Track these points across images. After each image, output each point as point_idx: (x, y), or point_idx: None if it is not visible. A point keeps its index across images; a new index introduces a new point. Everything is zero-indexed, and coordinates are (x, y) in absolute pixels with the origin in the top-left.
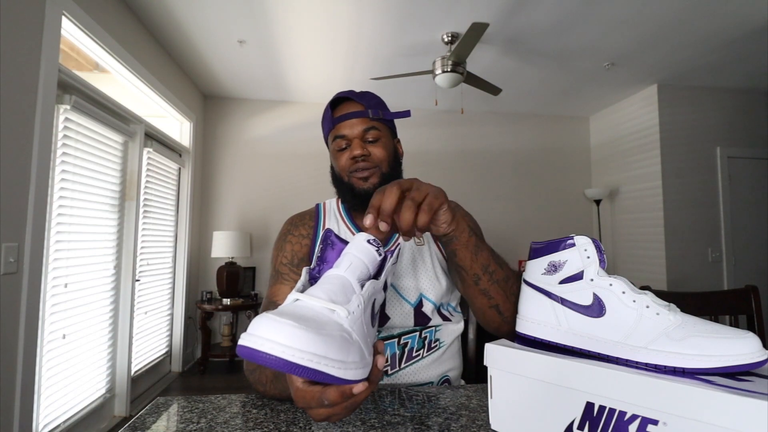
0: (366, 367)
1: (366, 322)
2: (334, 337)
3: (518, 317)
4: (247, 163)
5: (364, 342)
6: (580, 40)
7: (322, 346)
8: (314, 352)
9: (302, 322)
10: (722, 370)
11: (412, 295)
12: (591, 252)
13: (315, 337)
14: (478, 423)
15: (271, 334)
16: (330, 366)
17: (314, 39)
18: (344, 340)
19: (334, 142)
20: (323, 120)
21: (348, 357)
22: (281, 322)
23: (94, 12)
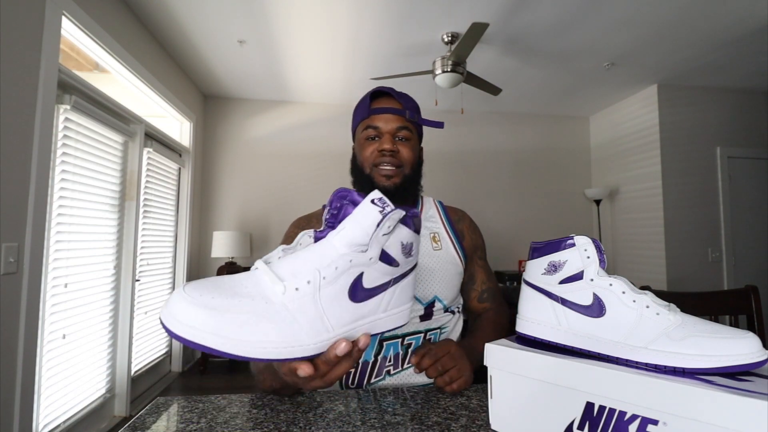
0: (315, 344)
1: (335, 296)
2: (238, 313)
3: (518, 317)
4: (247, 163)
5: (318, 318)
6: (580, 40)
7: (211, 321)
8: (196, 326)
9: (212, 294)
10: (722, 370)
11: (426, 297)
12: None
13: (205, 313)
14: (478, 423)
15: (172, 307)
16: (216, 341)
17: (314, 39)
18: (258, 315)
19: (365, 131)
20: (358, 108)
21: (271, 335)
22: (182, 296)
23: (94, 12)
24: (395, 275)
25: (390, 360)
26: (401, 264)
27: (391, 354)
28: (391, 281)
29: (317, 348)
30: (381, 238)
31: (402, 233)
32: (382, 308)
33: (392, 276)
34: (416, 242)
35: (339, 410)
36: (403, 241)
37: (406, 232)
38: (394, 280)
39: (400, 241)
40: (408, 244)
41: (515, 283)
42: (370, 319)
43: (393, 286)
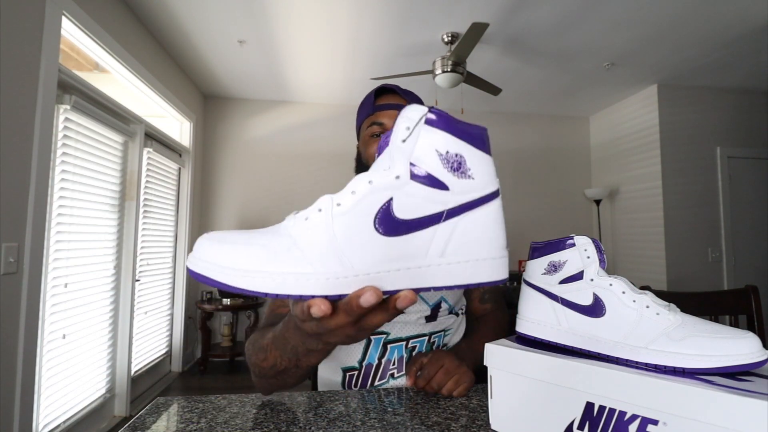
0: (327, 281)
1: (355, 226)
2: (251, 246)
3: (518, 317)
4: (247, 163)
5: (332, 251)
6: (580, 40)
7: (225, 256)
8: (215, 262)
9: (233, 233)
10: (722, 370)
11: (433, 298)
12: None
13: (220, 247)
14: (478, 423)
15: (195, 249)
16: (226, 275)
17: (314, 39)
18: (267, 248)
19: (370, 128)
20: (362, 105)
21: (271, 267)
22: (205, 238)
23: (94, 12)
24: (449, 204)
25: (394, 363)
26: (452, 186)
27: (395, 357)
28: (444, 213)
29: (329, 287)
30: (401, 146)
31: (433, 138)
32: (436, 251)
33: (444, 205)
34: (474, 157)
35: (339, 410)
36: (440, 149)
37: (439, 137)
38: (450, 212)
39: (434, 149)
40: (453, 156)
41: (515, 283)
42: (416, 263)
43: (450, 219)
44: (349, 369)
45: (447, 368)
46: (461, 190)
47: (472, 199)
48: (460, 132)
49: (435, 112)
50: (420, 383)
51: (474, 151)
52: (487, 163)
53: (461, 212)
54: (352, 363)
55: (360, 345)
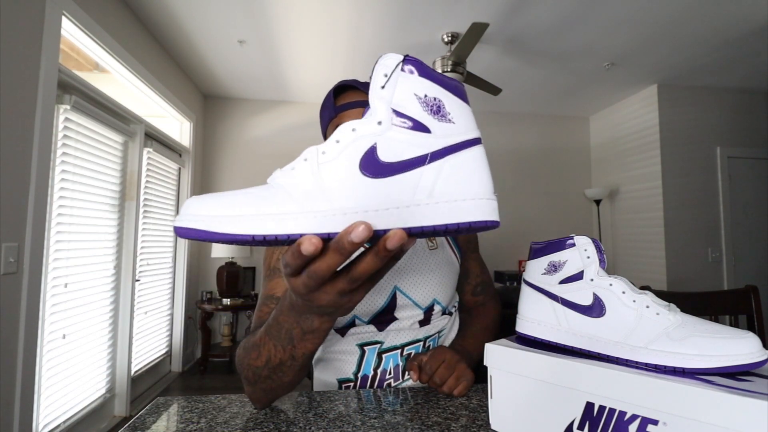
0: (314, 217)
1: (340, 170)
2: (237, 195)
3: (518, 317)
4: (247, 163)
5: (319, 191)
6: (580, 40)
7: (212, 206)
8: (202, 213)
9: (223, 192)
10: (722, 370)
11: (425, 300)
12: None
13: (207, 199)
14: (478, 423)
15: (182, 209)
16: (215, 223)
17: (314, 39)
18: (255, 196)
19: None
20: (323, 108)
21: (256, 210)
22: (191, 198)
23: (94, 12)
24: (433, 147)
25: (390, 372)
26: (434, 129)
27: (390, 366)
28: (428, 156)
29: (317, 224)
30: (380, 93)
31: (411, 82)
32: (424, 192)
33: (428, 148)
34: (453, 102)
35: (339, 410)
36: (418, 93)
37: (417, 82)
38: (434, 154)
39: (413, 94)
40: (431, 100)
41: (515, 283)
42: (404, 203)
43: (435, 162)
44: (345, 381)
45: (448, 363)
46: (443, 133)
47: (455, 142)
48: (436, 78)
49: (410, 59)
50: (423, 378)
51: (452, 98)
52: (466, 111)
53: (445, 154)
54: (348, 375)
55: (354, 356)
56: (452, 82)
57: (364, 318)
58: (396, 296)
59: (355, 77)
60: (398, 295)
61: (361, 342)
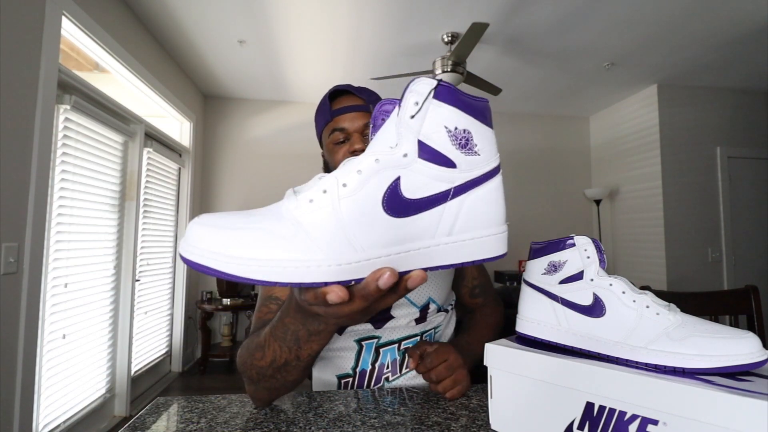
0: (338, 266)
1: (362, 207)
2: (251, 230)
3: (518, 317)
4: (247, 163)
5: (341, 234)
6: (580, 40)
7: (225, 243)
8: (214, 250)
9: (226, 216)
10: (722, 370)
11: (421, 299)
12: (591, 252)
13: (218, 233)
14: (478, 423)
15: (186, 233)
16: (231, 265)
17: (314, 39)
18: (269, 232)
19: (332, 135)
20: (318, 112)
21: (276, 253)
22: (195, 221)
23: (94, 12)
24: (456, 182)
25: (388, 366)
26: (460, 163)
27: (388, 360)
28: (451, 191)
29: (340, 272)
30: (409, 123)
31: (442, 114)
32: (444, 230)
33: (451, 183)
34: (480, 132)
35: (339, 410)
36: (449, 125)
37: (448, 112)
38: (457, 189)
39: (443, 126)
40: (461, 132)
41: (515, 283)
42: (425, 243)
43: (457, 197)
44: (344, 376)
45: (450, 363)
46: (468, 167)
47: (477, 175)
48: (467, 106)
49: (444, 86)
50: (420, 369)
51: (479, 126)
52: (490, 137)
53: (467, 189)
54: (346, 370)
55: (352, 352)
56: (480, 104)
57: None
58: None
59: (355, 77)
60: None
61: (358, 338)
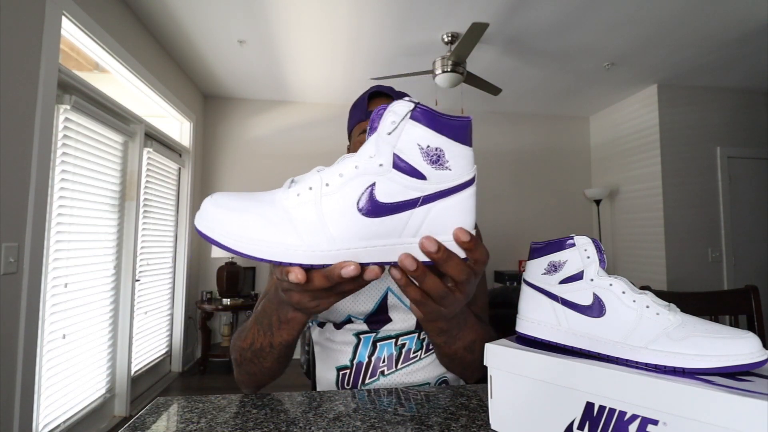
0: (313, 252)
1: (340, 206)
2: (249, 213)
3: (518, 317)
4: (247, 163)
5: (320, 226)
6: (580, 40)
7: (227, 222)
8: (219, 226)
9: (234, 198)
10: (722, 370)
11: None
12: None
13: (223, 213)
14: (478, 423)
15: (201, 208)
16: (228, 239)
17: (314, 39)
18: (262, 216)
19: (361, 135)
20: (354, 108)
21: (265, 235)
22: (209, 198)
23: (94, 12)
24: (426, 192)
25: (384, 360)
26: (430, 176)
27: (384, 354)
28: (420, 199)
29: (314, 257)
30: (386, 138)
31: (416, 133)
32: (410, 231)
33: (421, 192)
34: (453, 151)
35: (339, 410)
36: (421, 143)
37: (421, 132)
38: (426, 198)
39: (416, 144)
40: (433, 150)
41: (515, 283)
42: (391, 242)
43: (426, 205)
44: (342, 368)
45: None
46: (437, 180)
47: (446, 187)
48: (441, 127)
49: (420, 109)
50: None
51: (453, 145)
52: (465, 155)
53: (436, 199)
54: (345, 362)
55: (350, 345)
56: (458, 124)
57: (359, 317)
58: (387, 297)
59: (355, 77)
60: (389, 295)
61: (357, 331)
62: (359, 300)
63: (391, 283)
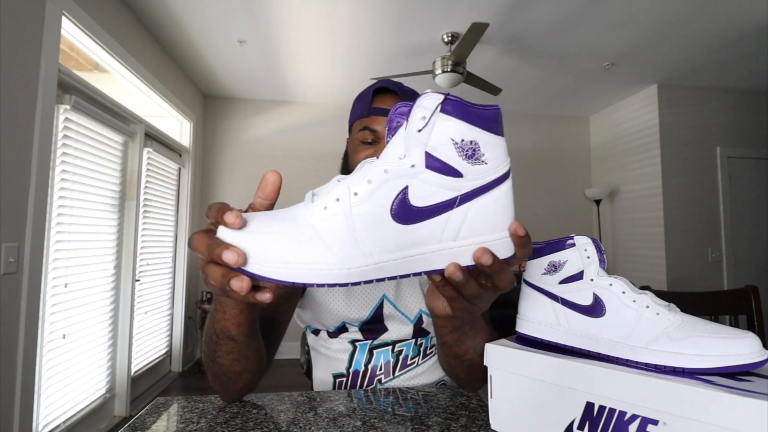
0: (349, 270)
1: (372, 215)
2: (273, 234)
3: (518, 317)
4: (247, 163)
5: (351, 240)
6: (580, 40)
7: (246, 243)
8: (244, 248)
9: (258, 219)
10: (722, 370)
11: (412, 311)
12: (591, 252)
13: (242, 235)
14: (478, 423)
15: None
16: (253, 265)
17: (314, 39)
18: (285, 235)
19: (361, 132)
20: (358, 100)
21: (292, 256)
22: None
23: (94, 12)
24: (463, 190)
25: (381, 368)
26: (466, 173)
27: (381, 362)
28: (457, 198)
29: (349, 275)
30: (416, 136)
31: (449, 127)
32: (449, 235)
33: (458, 191)
34: (488, 142)
35: (339, 410)
36: (455, 138)
37: (455, 125)
38: (464, 197)
39: (449, 139)
40: (468, 144)
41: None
42: (431, 248)
43: (464, 204)
44: (339, 375)
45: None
46: (474, 176)
47: (484, 183)
48: (474, 118)
49: (450, 101)
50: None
51: (488, 136)
52: (499, 146)
53: (474, 197)
54: (341, 370)
55: (346, 353)
56: (490, 113)
57: (354, 324)
58: (383, 304)
59: (355, 77)
60: (385, 303)
61: (352, 339)
62: (353, 306)
63: (387, 290)
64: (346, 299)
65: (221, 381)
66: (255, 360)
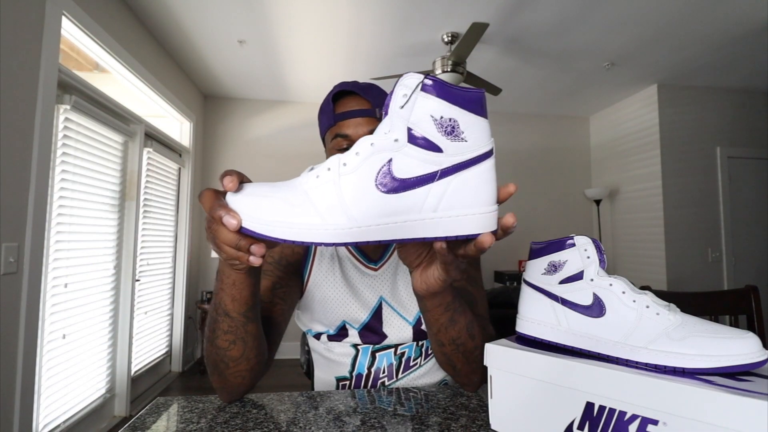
0: (335, 231)
1: (358, 184)
2: (273, 198)
3: (518, 317)
4: (247, 163)
5: (338, 205)
6: (580, 40)
7: (254, 207)
8: (246, 212)
9: (263, 186)
10: (722, 370)
11: (411, 313)
12: (591, 252)
13: (250, 200)
14: (478, 423)
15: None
16: (253, 224)
17: (314, 39)
18: (282, 200)
19: (334, 141)
20: (322, 113)
21: (288, 217)
22: (246, 192)
23: (94, 12)
24: (443, 165)
25: (384, 371)
26: (446, 148)
27: (384, 365)
28: (438, 173)
29: (335, 235)
30: (399, 112)
31: (428, 104)
32: (430, 206)
33: (438, 165)
34: (468, 122)
35: (339, 410)
36: (434, 114)
37: (433, 103)
38: (444, 171)
39: (429, 115)
40: (446, 121)
41: (515, 283)
42: (412, 217)
43: (444, 178)
44: (342, 379)
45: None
46: (454, 152)
47: (464, 159)
48: (454, 98)
49: (430, 80)
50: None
51: (468, 116)
52: (481, 126)
53: (454, 172)
54: (344, 373)
55: (349, 356)
56: (472, 95)
57: (354, 325)
58: (381, 306)
59: (355, 77)
60: (383, 305)
61: (354, 342)
62: (353, 305)
63: (384, 291)
64: (345, 298)
65: (220, 371)
66: (253, 347)
